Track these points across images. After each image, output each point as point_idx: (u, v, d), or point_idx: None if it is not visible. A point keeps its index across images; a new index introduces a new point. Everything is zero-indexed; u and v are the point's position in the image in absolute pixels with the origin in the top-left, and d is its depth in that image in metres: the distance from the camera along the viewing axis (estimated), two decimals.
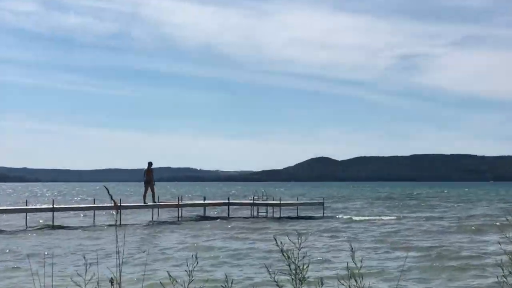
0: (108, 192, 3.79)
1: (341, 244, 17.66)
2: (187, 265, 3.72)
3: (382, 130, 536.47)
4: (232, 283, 3.48)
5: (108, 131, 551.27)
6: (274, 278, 3.33)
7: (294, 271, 3.25)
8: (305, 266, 3.26)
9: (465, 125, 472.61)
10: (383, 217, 30.01)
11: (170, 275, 3.75)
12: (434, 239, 19.90)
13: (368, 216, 30.37)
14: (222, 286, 3.61)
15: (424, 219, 29.53)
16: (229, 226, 24.94)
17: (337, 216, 29.12)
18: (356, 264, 3.48)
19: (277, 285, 3.34)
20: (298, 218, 30.36)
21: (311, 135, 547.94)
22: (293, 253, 3.35)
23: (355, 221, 27.70)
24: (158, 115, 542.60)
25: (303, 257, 3.31)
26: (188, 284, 3.72)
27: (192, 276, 3.71)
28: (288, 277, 3.34)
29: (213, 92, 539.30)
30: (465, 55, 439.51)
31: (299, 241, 3.35)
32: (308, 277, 3.31)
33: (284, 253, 3.24)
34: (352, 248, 3.65)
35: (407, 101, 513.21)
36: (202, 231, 22.85)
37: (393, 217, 30.07)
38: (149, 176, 27.28)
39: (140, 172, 28.31)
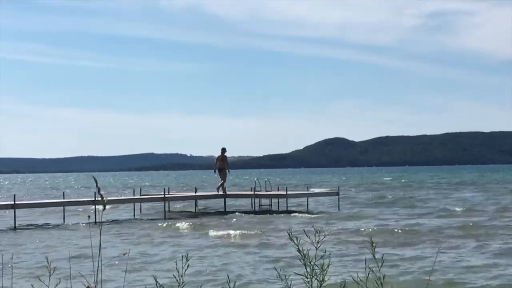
0: (97, 184, 3.78)
1: (356, 246, 17.61)
2: (176, 269, 3.69)
3: (407, 105, 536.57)
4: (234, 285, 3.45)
5: (78, 111, 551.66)
6: (286, 281, 3.29)
7: (310, 272, 3.21)
8: (324, 266, 3.23)
9: (508, 96, 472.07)
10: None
11: (156, 281, 3.72)
12: None
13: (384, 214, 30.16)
14: None
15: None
16: (225, 221, 24.99)
17: (350, 212, 29.13)
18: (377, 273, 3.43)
19: None
20: (308, 212, 30.40)
21: (322, 112, 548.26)
22: (308, 253, 3.31)
23: (377, 218, 27.67)
24: (139, 91, 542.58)
25: (322, 256, 3.28)
26: None
27: (183, 282, 3.66)
28: (303, 279, 3.30)
29: (203, 61, 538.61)
30: (506, 12, 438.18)
31: (317, 238, 3.31)
32: (328, 279, 3.28)
33: (300, 252, 3.21)
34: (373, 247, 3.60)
35: (437, 69, 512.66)
36: (195, 229, 22.91)
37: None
38: (223, 164, 30.00)
39: (121, 160, 28.48)
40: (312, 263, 3.32)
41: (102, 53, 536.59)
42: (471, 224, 22.29)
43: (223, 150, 30.21)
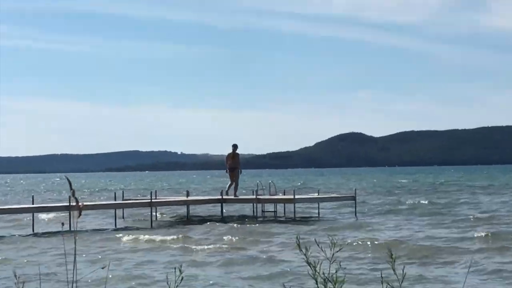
0: (71, 186, 3.75)
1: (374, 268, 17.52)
2: (167, 283, 3.68)
3: (435, 95, 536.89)
4: None
5: (49, 103, 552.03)
6: None
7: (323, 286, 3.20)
8: (338, 281, 3.21)
9: None
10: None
11: None
12: None
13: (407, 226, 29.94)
14: None
15: None
16: (219, 231, 24.99)
17: (368, 220, 28.99)
18: None
19: None
20: (320, 220, 30.42)
21: (336, 103, 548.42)
22: (320, 265, 3.28)
23: (397, 228, 27.55)
24: (120, 78, 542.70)
25: (336, 271, 3.26)
26: None
27: None
28: None
29: (196, 44, 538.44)
30: None
31: (332, 250, 3.29)
32: None
33: (311, 265, 3.19)
34: None
35: (470, 53, 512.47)
36: (185, 240, 22.90)
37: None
38: (235, 162, 30.25)
39: (100, 159, 28.56)
40: (323, 275, 3.30)
41: (75, 34, 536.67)
42: (503, 236, 22.13)
43: (235, 146, 30.68)
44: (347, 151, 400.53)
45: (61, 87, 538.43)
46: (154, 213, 30.08)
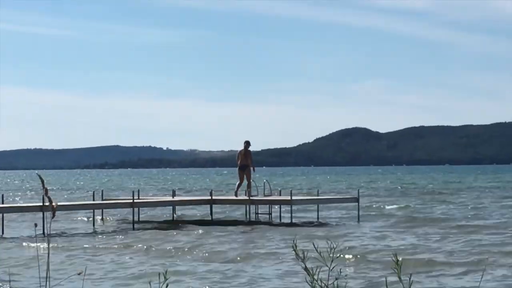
0: (43, 184, 3.78)
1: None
2: None
3: (448, 87, 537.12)
4: None
5: (21, 91, 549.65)
6: None
7: None
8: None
9: None
10: None
11: None
12: None
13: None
14: None
15: None
16: (201, 236, 24.97)
17: (371, 225, 28.87)
18: None
19: None
20: (319, 224, 30.47)
21: (338, 95, 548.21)
22: (318, 272, 3.31)
23: (402, 234, 27.49)
24: (100, 65, 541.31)
25: (336, 279, 3.28)
26: None
27: None
28: None
29: (183, 27, 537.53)
30: None
31: (331, 252, 3.32)
32: None
33: (309, 271, 3.21)
34: None
35: (488, 41, 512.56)
36: (171, 244, 22.92)
37: None
38: (247, 160, 30.78)
39: (77, 154, 28.47)
40: (322, 283, 3.34)
41: (52, 15, 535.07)
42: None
43: (247, 143, 31.38)
44: (350, 148, 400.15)
45: (33, 73, 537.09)
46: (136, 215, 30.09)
